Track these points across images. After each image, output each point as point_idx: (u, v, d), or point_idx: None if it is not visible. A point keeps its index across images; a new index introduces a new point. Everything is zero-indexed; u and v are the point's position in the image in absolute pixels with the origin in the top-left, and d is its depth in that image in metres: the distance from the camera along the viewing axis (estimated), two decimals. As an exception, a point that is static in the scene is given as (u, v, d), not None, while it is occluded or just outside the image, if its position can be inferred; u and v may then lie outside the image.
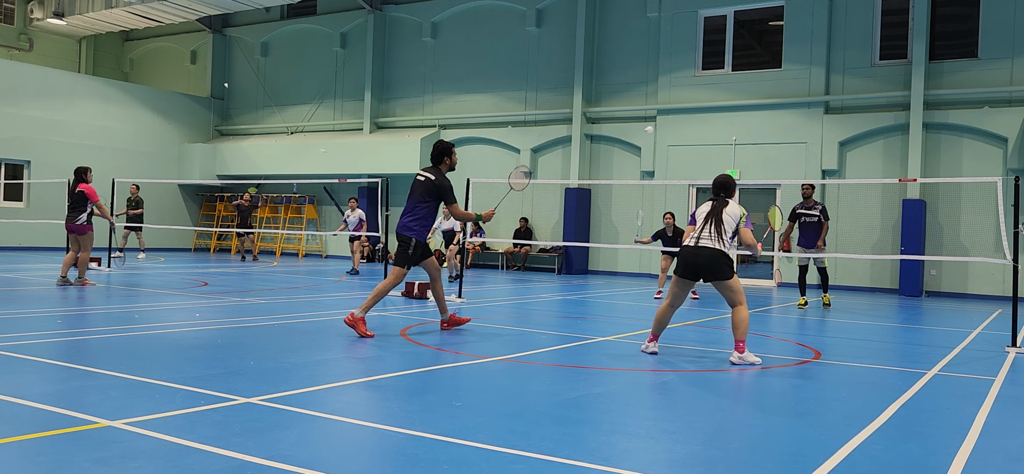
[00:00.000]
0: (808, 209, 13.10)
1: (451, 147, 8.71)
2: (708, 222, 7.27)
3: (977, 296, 17.43)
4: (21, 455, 3.79)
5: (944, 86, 18.03)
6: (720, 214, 7.27)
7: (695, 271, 7.28)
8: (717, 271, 7.16)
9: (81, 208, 12.45)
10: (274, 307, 10.57)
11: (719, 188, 7.52)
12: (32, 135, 24.27)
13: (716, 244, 7.18)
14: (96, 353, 6.68)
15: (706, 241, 7.22)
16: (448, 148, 8.66)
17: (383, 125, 25.57)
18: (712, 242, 7.20)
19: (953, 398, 6.08)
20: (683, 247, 7.40)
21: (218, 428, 4.31)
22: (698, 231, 7.31)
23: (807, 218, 13.09)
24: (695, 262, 7.25)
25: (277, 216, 27.61)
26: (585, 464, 3.90)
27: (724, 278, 7.15)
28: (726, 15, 20.44)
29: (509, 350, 7.58)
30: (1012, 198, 8.91)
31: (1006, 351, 8.51)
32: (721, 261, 7.16)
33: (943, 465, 4.15)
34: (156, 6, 24.56)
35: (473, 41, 24.05)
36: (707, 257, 7.18)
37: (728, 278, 7.15)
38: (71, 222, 12.48)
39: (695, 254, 7.24)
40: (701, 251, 7.21)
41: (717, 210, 7.31)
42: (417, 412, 4.92)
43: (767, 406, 5.71)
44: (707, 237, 7.22)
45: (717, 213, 7.28)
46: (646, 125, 20.49)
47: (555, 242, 19.81)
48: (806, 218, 13.09)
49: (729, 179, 7.56)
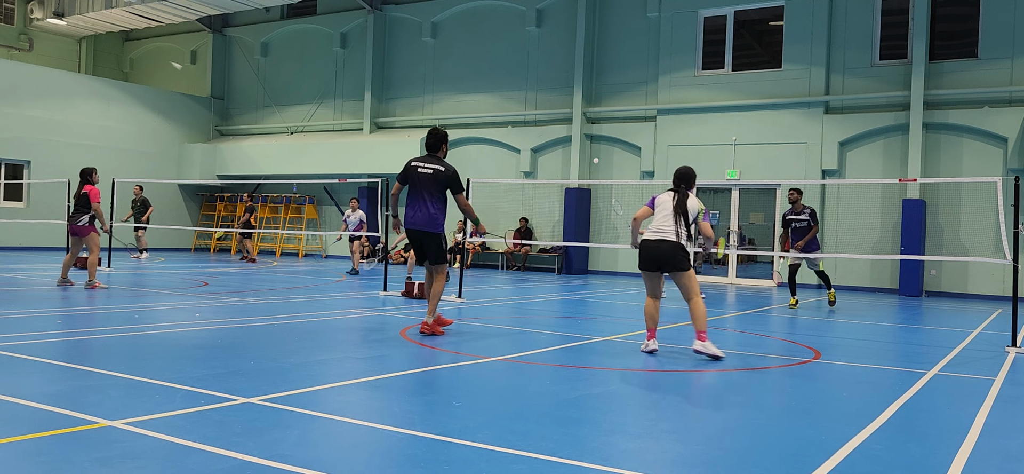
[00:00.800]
0: (796, 215, 13.30)
1: (447, 135, 8.61)
2: (676, 216, 7.47)
3: (977, 296, 17.43)
4: (21, 455, 3.79)
5: (944, 86, 18.03)
6: (684, 207, 7.51)
7: (658, 263, 7.51)
8: (678, 263, 7.40)
9: (85, 209, 12.38)
10: (274, 307, 10.57)
11: (681, 180, 7.72)
12: (32, 135, 24.27)
13: (679, 237, 7.42)
14: (96, 353, 6.68)
15: (670, 234, 7.43)
16: (445, 136, 8.54)
17: (383, 125, 25.57)
18: (675, 236, 7.42)
19: (953, 398, 6.08)
20: (645, 240, 7.59)
21: (218, 428, 4.31)
22: (662, 224, 7.50)
23: (796, 223, 13.30)
24: (658, 255, 7.47)
25: (277, 216, 27.62)
26: (585, 464, 3.89)
27: (683, 270, 7.40)
28: (726, 15, 20.44)
29: (509, 350, 7.58)
30: (1012, 198, 8.91)
31: (1006, 351, 8.51)
32: (682, 253, 7.42)
33: (943, 465, 4.14)
34: (156, 6, 24.56)
35: (473, 41, 24.05)
36: (669, 249, 7.41)
37: (686, 270, 7.41)
38: (74, 223, 12.42)
39: (658, 247, 7.46)
40: (664, 244, 7.43)
41: (682, 204, 7.52)
42: (417, 412, 4.92)
43: (767, 406, 5.71)
44: (671, 230, 7.44)
45: (682, 207, 7.50)
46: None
47: (555, 242, 19.82)
48: (796, 223, 13.30)
49: (690, 171, 7.78)
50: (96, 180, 12.70)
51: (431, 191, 8.23)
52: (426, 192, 8.23)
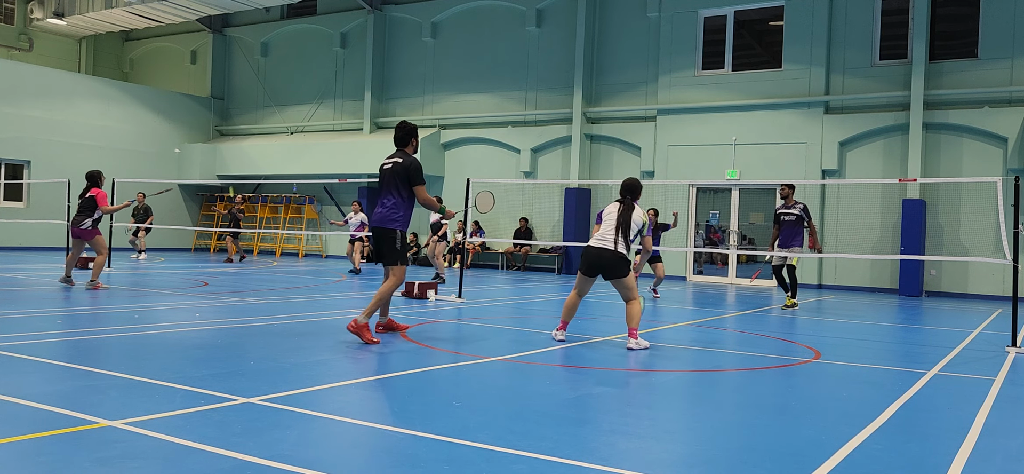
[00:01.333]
0: (787, 208, 13.08)
1: (417, 129, 8.28)
2: (617, 229, 7.91)
3: (977, 296, 17.43)
4: (21, 455, 3.79)
5: (944, 86, 18.03)
6: (627, 220, 7.95)
7: (598, 269, 7.97)
8: (617, 270, 7.87)
9: (89, 212, 12.32)
10: (274, 307, 10.57)
11: (626, 191, 8.17)
12: (32, 135, 24.27)
13: (619, 247, 7.89)
14: (96, 353, 6.67)
15: (609, 244, 7.91)
16: (415, 129, 8.21)
17: (383, 125, 25.56)
18: (615, 245, 7.89)
19: (953, 398, 6.08)
20: (588, 247, 8.06)
21: (218, 428, 4.31)
22: (606, 233, 7.96)
23: (786, 216, 13.04)
24: (599, 263, 7.94)
25: (277, 216, 27.62)
26: (585, 464, 3.89)
27: (622, 276, 7.88)
28: (726, 15, 20.44)
29: (509, 350, 7.58)
30: (1012, 198, 8.91)
31: (1006, 351, 8.51)
32: (622, 262, 7.88)
33: (943, 465, 4.14)
34: (156, 6, 24.56)
35: (473, 41, 24.05)
36: (610, 258, 7.88)
37: (625, 276, 7.88)
38: (77, 225, 12.36)
39: (600, 255, 7.93)
40: (605, 253, 7.91)
41: (624, 217, 7.95)
42: (417, 412, 4.92)
43: (767, 406, 5.70)
44: (612, 240, 7.90)
45: (624, 220, 7.94)
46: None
47: (555, 242, 19.82)
48: (785, 216, 13.04)
49: (636, 183, 8.25)
50: (102, 182, 12.70)
51: (395, 186, 7.86)
52: (390, 187, 7.90)
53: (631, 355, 7.45)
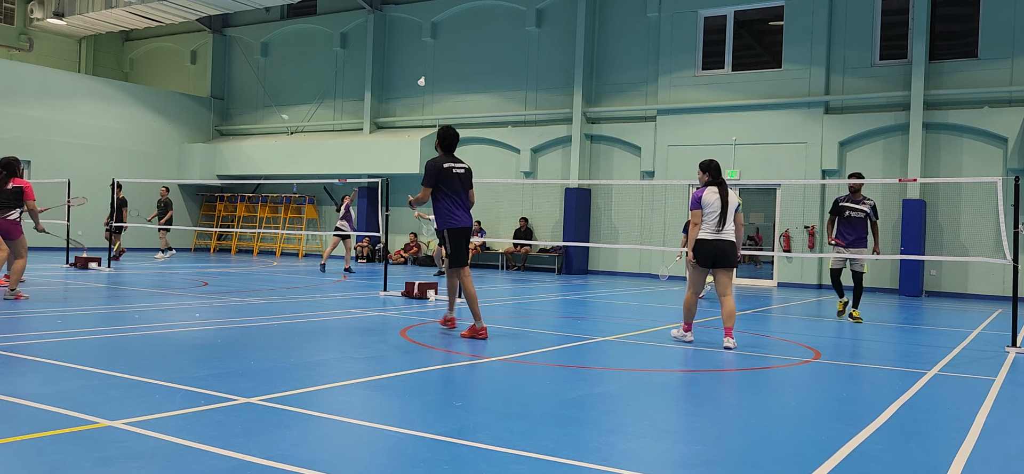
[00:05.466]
0: (854, 202, 11.21)
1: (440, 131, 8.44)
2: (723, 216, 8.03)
3: (977, 296, 17.43)
4: (21, 455, 3.79)
5: (944, 86, 18.03)
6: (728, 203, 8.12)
7: (717, 261, 8.07)
8: (733, 259, 8.07)
9: (14, 205, 10.74)
10: (274, 307, 10.57)
11: (718, 172, 8.33)
12: (32, 135, 24.25)
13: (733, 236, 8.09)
14: (96, 353, 6.67)
15: (729, 235, 8.07)
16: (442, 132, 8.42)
17: (383, 125, 25.57)
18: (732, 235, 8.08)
19: (953, 398, 6.08)
20: (702, 241, 8.07)
21: (218, 428, 4.31)
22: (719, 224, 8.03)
23: (853, 212, 11.17)
24: (725, 255, 8.05)
25: (277, 216, 27.61)
26: (585, 464, 3.90)
27: (735, 266, 8.11)
28: (726, 15, 20.43)
29: (509, 350, 7.58)
30: (1012, 198, 8.90)
31: (1006, 351, 8.51)
32: (736, 251, 8.11)
33: (943, 465, 4.14)
34: (156, 6, 24.56)
35: (473, 41, 24.05)
36: (731, 249, 8.05)
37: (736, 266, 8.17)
38: (3, 216, 10.69)
39: (725, 247, 8.07)
40: (727, 244, 8.06)
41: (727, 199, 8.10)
42: (417, 412, 4.92)
43: (767, 406, 5.70)
44: (731, 231, 8.08)
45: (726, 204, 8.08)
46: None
47: (555, 242, 19.82)
48: (852, 212, 11.18)
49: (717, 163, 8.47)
50: (22, 172, 11.13)
51: (467, 188, 8.40)
52: (464, 189, 8.39)
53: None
